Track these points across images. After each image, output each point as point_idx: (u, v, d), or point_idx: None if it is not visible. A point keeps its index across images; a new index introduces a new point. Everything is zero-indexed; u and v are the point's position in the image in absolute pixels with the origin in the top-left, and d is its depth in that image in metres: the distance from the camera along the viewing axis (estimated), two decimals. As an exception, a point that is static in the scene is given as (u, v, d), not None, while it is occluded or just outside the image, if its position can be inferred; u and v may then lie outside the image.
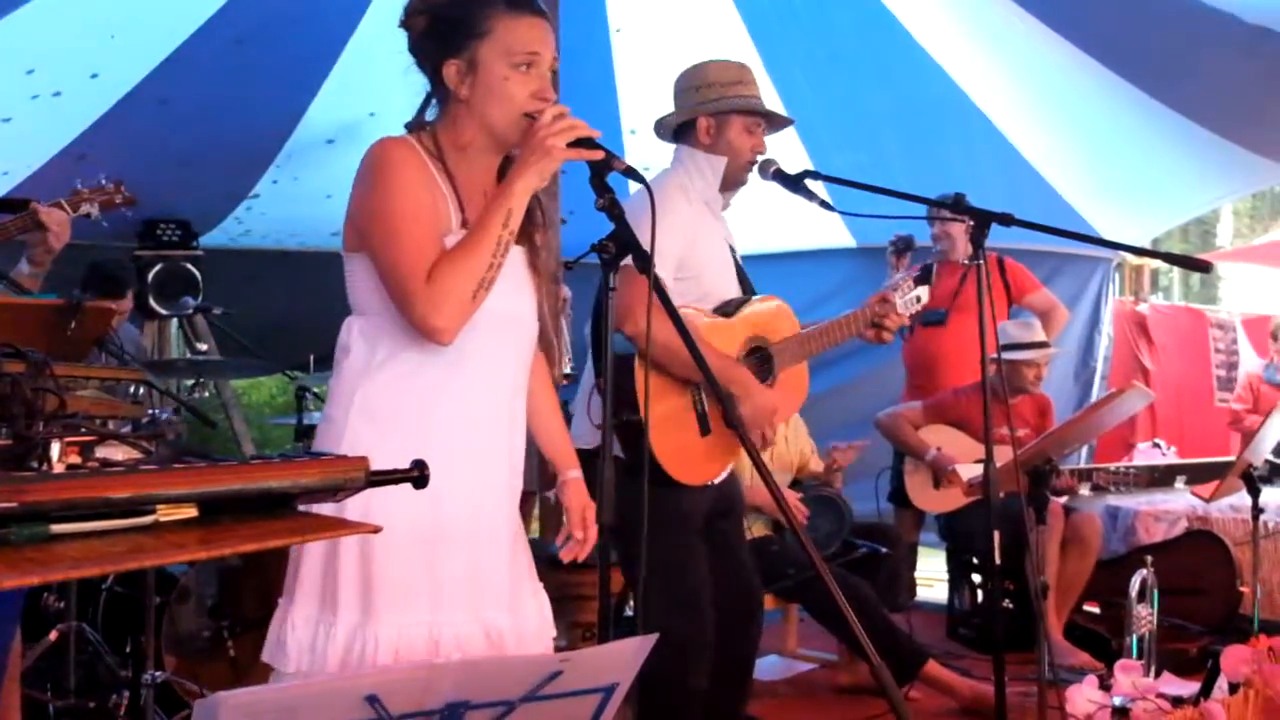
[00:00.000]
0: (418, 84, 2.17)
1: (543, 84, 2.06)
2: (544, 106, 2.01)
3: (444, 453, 1.97)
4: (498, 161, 2.14)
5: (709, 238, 3.01)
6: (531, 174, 1.99)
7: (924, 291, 3.23)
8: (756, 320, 3.06)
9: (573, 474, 2.37)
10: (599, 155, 1.98)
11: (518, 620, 2.13)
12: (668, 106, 3.20)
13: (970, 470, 4.63)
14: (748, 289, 3.15)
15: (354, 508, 1.97)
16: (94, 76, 4.77)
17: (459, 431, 2.05)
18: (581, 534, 2.31)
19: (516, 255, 2.15)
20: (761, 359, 3.05)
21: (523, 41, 2.04)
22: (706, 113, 3.03)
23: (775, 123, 3.15)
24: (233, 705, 1.23)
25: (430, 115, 2.15)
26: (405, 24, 2.13)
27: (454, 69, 2.06)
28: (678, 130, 3.11)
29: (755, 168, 3.08)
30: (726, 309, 3.02)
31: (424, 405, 2.04)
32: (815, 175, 3.05)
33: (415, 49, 2.14)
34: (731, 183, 3.08)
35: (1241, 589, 4.78)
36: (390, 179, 2.01)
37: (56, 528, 1.08)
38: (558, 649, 2.32)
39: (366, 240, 2.03)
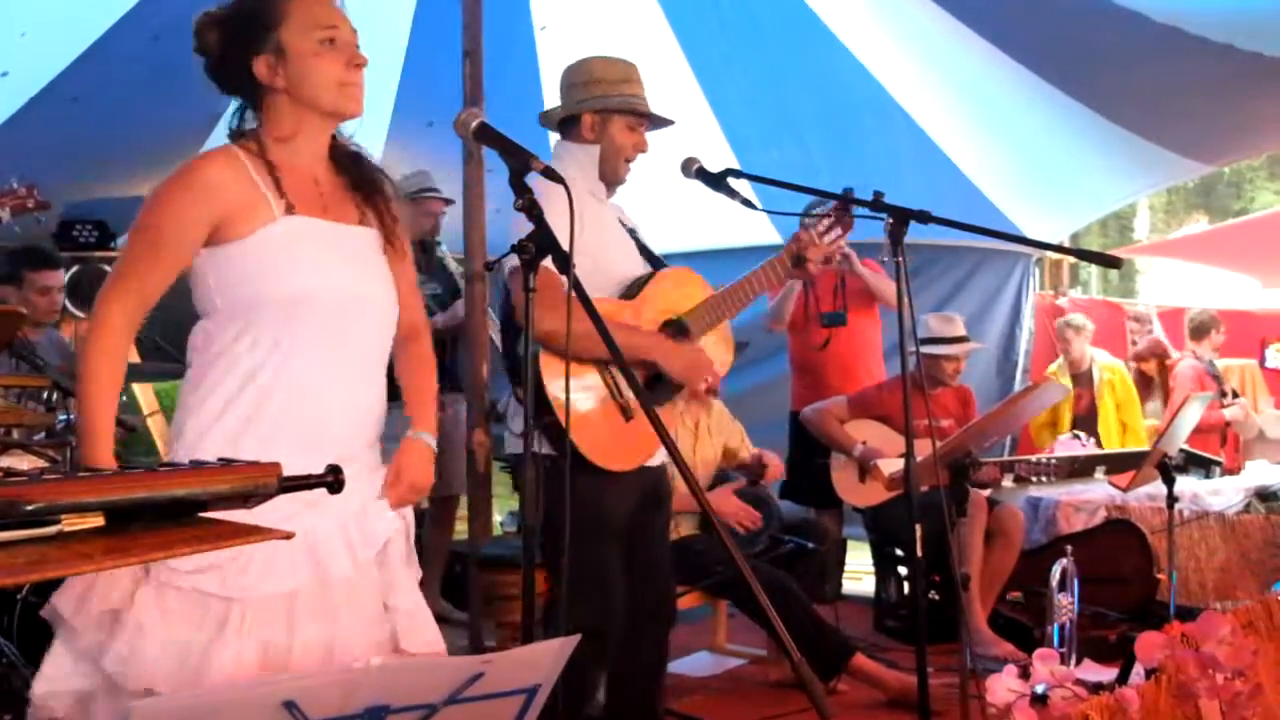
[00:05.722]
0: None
1: (351, 51, 2.07)
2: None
3: (281, 441, 1.95)
4: (326, 140, 2.14)
5: (596, 223, 3.00)
6: None
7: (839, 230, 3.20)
8: (662, 294, 3.06)
9: (411, 433, 2.26)
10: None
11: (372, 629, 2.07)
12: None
13: (891, 465, 4.68)
14: (655, 264, 3.14)
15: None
16: (4, 75, 4.66)
17: (302, 419, 2.02)
18: (391, 493, 2.18)
19: (368, 238, 2.14)
20: (677, 330, 3.05)
21: (319, 16, 2.06)
22: (591, 109, 3.04)
23: (657, 123, 3.15)
24: (145, 712, 1.21)
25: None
26: (200, 47, 2.12)
27: (264, 64, 2.06)
28: (562, 123, 3.12)
29: (679, 166, 3.08)
30: (629, 291, 3.03)
31: (256, 397, 2.00)
32: (737, 174, 3.06)
33: (214, 69, 2.13)
34: (611, 178, 3.08)
35: (1158, 576, 4.88)
36: (167, 191, 2.04)
37: (-45, 540, 1.05)
38: (487, 649, 2.31)
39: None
